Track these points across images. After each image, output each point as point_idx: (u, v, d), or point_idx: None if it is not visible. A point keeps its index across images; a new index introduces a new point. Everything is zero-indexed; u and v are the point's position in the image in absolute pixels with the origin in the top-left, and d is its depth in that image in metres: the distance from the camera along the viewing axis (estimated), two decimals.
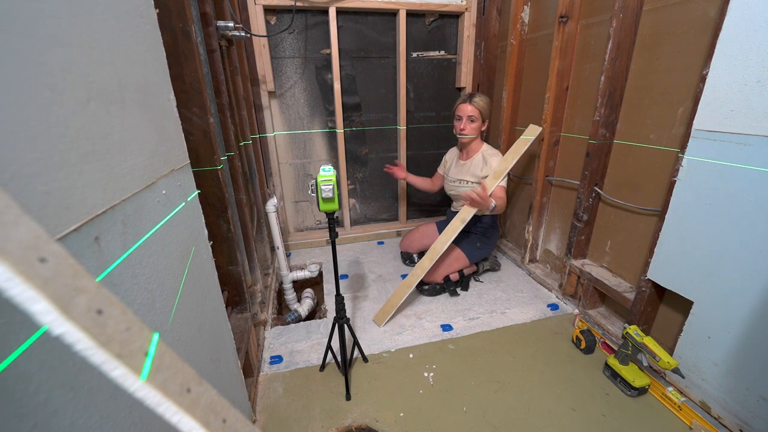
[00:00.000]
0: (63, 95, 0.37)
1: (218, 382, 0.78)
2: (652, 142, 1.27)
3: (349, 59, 2.10)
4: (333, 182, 1.02)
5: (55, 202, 0.34)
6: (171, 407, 0.22)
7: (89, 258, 0.39)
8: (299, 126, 2.17)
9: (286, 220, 2.34)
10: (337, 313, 1.22)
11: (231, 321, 1.02)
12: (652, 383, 1.17)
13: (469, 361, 1.35)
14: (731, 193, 0.95)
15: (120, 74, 0.48)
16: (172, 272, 0.59)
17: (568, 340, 1.44)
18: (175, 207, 0.63)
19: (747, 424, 0.97)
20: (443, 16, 2.15)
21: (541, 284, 1.86)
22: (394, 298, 1.62)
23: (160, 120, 0.61)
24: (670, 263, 1.13)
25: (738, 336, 0.97)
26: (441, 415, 1.13)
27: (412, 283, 1.62)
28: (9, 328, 0.28)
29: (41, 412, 0.30)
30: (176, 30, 0.86)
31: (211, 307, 0.77)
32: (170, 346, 0.24)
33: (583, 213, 1.53)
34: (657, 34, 1.22)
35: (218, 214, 1.07)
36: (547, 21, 1.70)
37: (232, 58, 1.43)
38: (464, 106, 1.70)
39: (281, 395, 1.21)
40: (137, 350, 0.21)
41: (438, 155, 2.09)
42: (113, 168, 0.45)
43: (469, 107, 1.69)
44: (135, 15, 0.55)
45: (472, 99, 1.69)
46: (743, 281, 0.94)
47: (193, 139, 0.95)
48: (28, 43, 0.33)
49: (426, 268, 1.63)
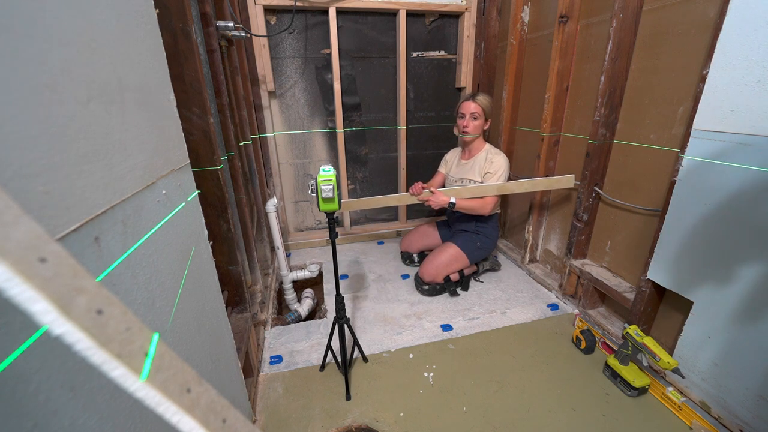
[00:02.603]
0: (63, 95, 0.37)
1: (218, 382, 0.78)
2: (652, 142, 1.27)
3: (349, 59, 2.10)
4: (333, 182, 1.02)
5: (55, 202, 0.34)
6: (171, 407, 0.22)
7: (89, 258, 0.39)
8: (299, 126, 2.17)
9: (286, 220, 2.34)
10: (337, 313, 1.22)
11: (231, 321, 1.02)
12: (652, 383, 1.17)
13: (469, 361, 1.35)
14: (731, 193, 0.95)
15: (120, 74, 0.48)
16: (172, 272, 0.59)
17: (568, 340, 1.44)
18: (175, 207, 0.63)
19: (747, 424, 0.97)
20: (443, 16, 2.15)
21: (541, 284, 1.86)
22: (368, 201, 1.88)
23: (160, 120, 0.61)
24: (670, 263, 1.13)
25: (738, 336, 0.97)
26: (441, 415, 1.13)
27: (389, 201, 1.86)
28: (9, 328, 0.27)
29: (41, 412, 0.30)
30: (176, 30, 0.86)
31: (211, 307, 0.77)
32: (170, 346, 0.24)
33: (583, 213, 1.53)
34: (657, 34, 1.22)
35: (218, 214, 1.07)
36: (547, 21, 1.70)
37: (232, 58, 1.43)
38: (467, 104, 1.71)
39: (281, 395, 1.21)
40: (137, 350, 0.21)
41: (438, 155, 2.09)
42: (113, 168, 0.45)
43: (472, 104, 1.70)
44: (135, 15, 0.55)
45: (475, 97, 1.71)
46: (743, 281, 0.94)
47: (193, 139, 0.95)
48: (28, 43, 0.33)
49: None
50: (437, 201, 1.69)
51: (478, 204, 1.71)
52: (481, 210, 1.71)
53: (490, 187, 1.68)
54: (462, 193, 1.71)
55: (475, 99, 1.70)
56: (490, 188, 1.68)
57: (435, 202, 1.69)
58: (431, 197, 1.70)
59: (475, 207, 1.71)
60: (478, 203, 1.71)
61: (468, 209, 1.71)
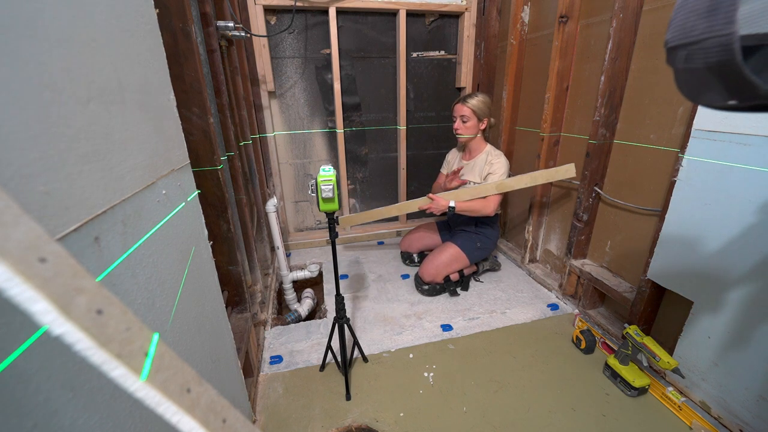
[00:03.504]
0: (63, 95, 0.37)
1: (218, 382, 0.78)
2: (652, 142, 1.27)
3: (349, 59, 2.10)
4: (333, 182, 1.02)
5: (55, 202, 0.34)
6: (171, 407, 0.22)
7: (89, 258, 0.39)
8: (299, 126, 2.17)
9: (286, 220, 2.34)
10: (337, 313, 1.22)
11: (231, 321, 1.02)
12: (652, 383, 1.17)
13: (469, 361, 1.35)
14: (731, 193, 0.95)
15: (120, 74, 0.48)
16: (172, 272, 0.59)
17: (568, 340, 1.44)
18: (175, 207, 0.63)
19: (747, 424, 0.97)
20: (443, 16, 2.15)
21: (541, 284, 1.86)
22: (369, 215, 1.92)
23: (160, 120, 0.61)
24: (670, 263, 1.13)
25: (738, 336, 0.97)
26: (441, 415, 1.13)
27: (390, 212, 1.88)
28: (9, 328, 0.28)
29: (41, 412, 0.30)
30: (176, 30, 0.86)
31: (211, 307, 0.77)
32: (170, 346, 0.24)
33: (583, 213, 1.53)
34: (657, 34, 1.22)
35: (218, 214, 1.07)
36: (547, 21, 1.70)
37: (232, 58, 1.43)
38: (458, 107, 1.73)
39: (281, 395, 1.21)
40: (137, 350, 0.21)
41: (438, 155, 2.09)
42: (113, 168, 0.45)
43: (461, 107, 1.71)
44: (135, 15, 0.55)
45: (466, 99, 1.70)
46: (743, 281, 0.94)
47: (193, 139, 0.95)
48: (28, 43, 0.33)
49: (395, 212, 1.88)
50: (437, 207, 1.69)
51: (480, 205, 1.70)
52: (484, 210, 1.70)
53: (489, 186, 1.67)
54: (460, 195, 1.71)
55: (466, 101, 1.69)
56: (488, 187, 1.67)
57: (435, 208, 1.69)
58: (431, 204, 1.71)
59: (477, 208, 1.70)
60: (480, 204, 1.70)
61: (470, 211, 1.71)
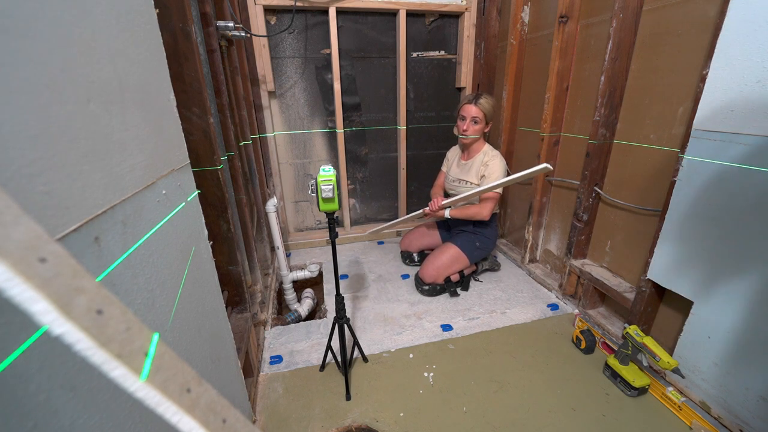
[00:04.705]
0: (63, 95, 0.37)
1: (218, 382, 0.78)
2: (652, 142, 1.27)
3: (349, 59, 2.10)
4: (333, 182, 1.02)
5: (55, 202, 0.34)
6: (171, 407, 0.22)
7: (89, 258, 0.39)
8: (299, 126, 2.17)
9: (286, 220, 2.34)
10: (337, 313, 1.22)
11: (231, 321, 1.02)
12: (652, 383, 1.17)
13: (469, 361, 1.35)
14: (731, 193, 0.95)
15: (120, 74, 0.48)
16: (172, 272, 0.59)
17: (568, 340, 1.44)
18: (175, 207, 0.63)
19: (747, 424, 0.97)
20: (443, 16, 2.15)
21: (541, 284, 1.86)
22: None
23: (160, 120, 0.61)
24: (670, 263, 1.13)
25: (738, 336, 0.97)
26: (441, 415, 1.13)
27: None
28: (9, 328, 0.28)
29: (41, 412, 0.30)
30: (176, 30, 0.86)
31: (211, 307, 0.77)
32: (170, 346, 0.24)
33: (583, 213, 1.53)
34: (657, 34, 1.22)
35: (218, 214, 1.07)
36: (547, 21, 1.70)
37: (232, 58, 1.43)
38: (469, 107, 1.68)
39: (281, 395, 1.21)
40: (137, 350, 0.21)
41: (438, 155, 2.09)
42: (113, 168, 0.45)
43: (474, 108, 1.67)
44: (135, 15, 0.55)
45: (477, 100, 1.67)
46: (743, 281, 0.94)
47: (193, 139, 0.95)
48: (28, 43, 0.33)
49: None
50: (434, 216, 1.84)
51: (475, 210, 1.71)
52: (479, 215, 1.71)
53: (474, 193, 1.64)
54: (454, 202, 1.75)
55: (478, 102, 1.66)
56: (473, 194, 1.65)
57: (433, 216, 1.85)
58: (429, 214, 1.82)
59: (472, 214, 1.72)
60: (475, 209, 1.71)
61: (465, 217, 1.74)
